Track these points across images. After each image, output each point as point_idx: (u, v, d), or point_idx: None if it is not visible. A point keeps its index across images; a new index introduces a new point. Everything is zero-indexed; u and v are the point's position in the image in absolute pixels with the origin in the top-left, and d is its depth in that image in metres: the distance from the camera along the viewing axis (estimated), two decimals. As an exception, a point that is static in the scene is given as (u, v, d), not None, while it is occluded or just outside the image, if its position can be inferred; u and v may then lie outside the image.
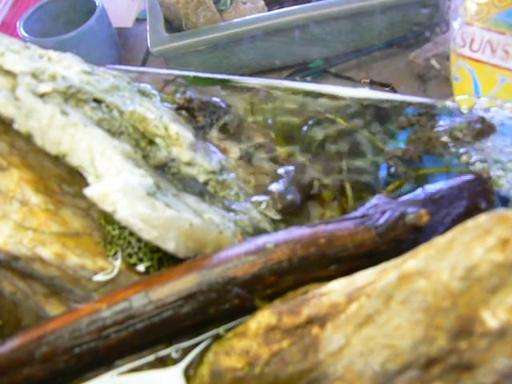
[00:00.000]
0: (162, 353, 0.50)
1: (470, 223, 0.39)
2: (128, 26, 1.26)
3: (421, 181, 0.62)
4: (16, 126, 0.56)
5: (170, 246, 0.51)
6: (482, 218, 0.39)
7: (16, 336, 0.49)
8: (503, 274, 0.36)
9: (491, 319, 0.35)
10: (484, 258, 0.36)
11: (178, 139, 0.61)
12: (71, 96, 0.60)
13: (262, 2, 1.13)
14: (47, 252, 0.53)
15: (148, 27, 1.06)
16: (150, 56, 1.18)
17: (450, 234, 0.40)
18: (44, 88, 0.59)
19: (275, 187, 0.65)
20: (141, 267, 0.54)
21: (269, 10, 1.11)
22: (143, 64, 1.19)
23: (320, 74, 1.05)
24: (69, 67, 0.64)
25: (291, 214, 0.63)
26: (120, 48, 1.21)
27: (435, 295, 0.37)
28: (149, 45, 1.03)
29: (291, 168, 0.66)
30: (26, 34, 1.07)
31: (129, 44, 1.28)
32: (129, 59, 1.20)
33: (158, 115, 0.62)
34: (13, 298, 0.61)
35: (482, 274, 0.36)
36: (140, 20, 1.29)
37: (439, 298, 0.37)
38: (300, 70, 1.07)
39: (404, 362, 0.37)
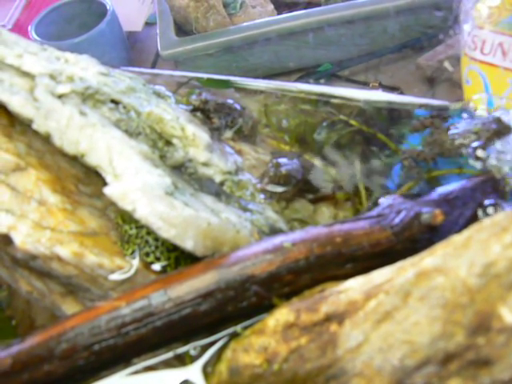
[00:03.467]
0: (180, 350, 0.50)
1: (486, 221, 0.40)
2: (137, 30, 1.27)
3: (434, 182, 0.62)
4: (35, 126, 0.57)
5: (188, 244, 0.51)
6: (498, 217, 0.39)
7: (36, 333, 0.49)
8: (521, 271, 0.36)
9: (509, 315, 0.36)
10: (501, 254, 0.37)
11: (194, 140, 0.62)
12: (89, 97, 0.61)
13: (272, 6, 1.14)
14: (65, 251, 0.54)
15: (158, 30, 1.07)
16: (159, 59, 1.19)
17: (466, 233, 0.40)
18: (62, 89, 0.60)
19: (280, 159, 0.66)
20: (157, 266, 0.55)
21: (278, 14, 1.12)
22: (153, 67, 1.20)
23: (329, 78, 1.06)
24: (86, 69, 0.65)
25: (292, 186, 0.64)
26: (130, 51, 1.22)
27: (453, 291, 0.38)
28: (159, 48, 1.04)
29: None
30: (37, 38, 1.08)
31: (138, 47, 1.29)
32: (138, 62, 1.21)
33: (174, 116, 0.63)
34: (29, 297, 0.62)
35: (500, 271, 0.37)
36: (149, 24, 1.30)
37: (457, 295, 0.37)
38: (309, 73, 1.07)
39: (422, 358, 0.38)
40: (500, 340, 0.36)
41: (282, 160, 0.66)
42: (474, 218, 0.53)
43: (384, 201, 0.54)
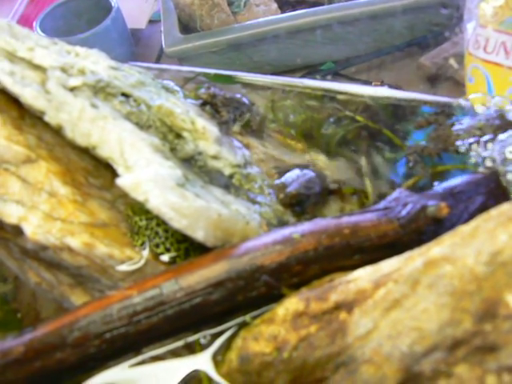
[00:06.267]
0: (191, 339, 0.51)
1: (493, 211, 0.41)
2: (141, 27, 1.28)
3: (438, 177, 0.63)
4: (47, 118, 0.58)
5: (199, 235, 0.52)
6: (505, 206, 0.40)
7: (48, 321, 0.50)
8: (527, 259, 0.37)
9: (515, 302, 0.37)
10: (508, 243, 0.38)
11: (204, 133, 0.63)
12: (100, 90, 0.62)
13: (276, 5, 1.14)
14: (76, 241, 0.54)
15: (162, 28, 1.07)
16: (163, 56, 1.19)
17: (474, 223, 0.41)
18: (74, 82, 0.60)
19: (284, 178, 0.66)
20: (166, 257, 0.56)
21: (282, 13, 1.12)
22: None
23: (331, 77, 1.06)
24: (96, 62, 0.66)
25: (300, 206, 0.64)
26: (134, 48, 1.22)
27: (461, 279, 0.39)
28: (163, 45, 1.04)
29: (311, 172, 0.67)
30: (42, 33, 1.09)
31: (142, 45, 1.29)
32: (143, 59, 1.20)
33: (184, 110, 0.64)
34: (38, 288, 0.62)
35: (506, 259, 0.37)
36: (152, 22, 1.30)
37: (465, 282, 0.38)
38: (311, 72, 1.08)
39: (430, 344, 0.39)
40: (506, 326, 0.37)
41: (289, 176, 0.66)
42: (478, 212, 0.54)
43: (390, 194, 0.55)
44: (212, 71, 0.80)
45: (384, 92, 0.74)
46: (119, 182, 0.53)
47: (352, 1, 1.01)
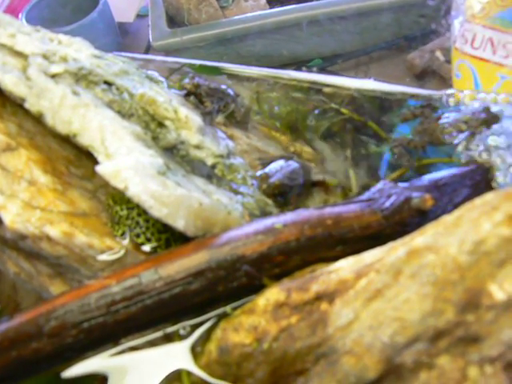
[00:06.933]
0: (170, 330, 0.50)
1: (477, 201, 0.40)
2: (129, 21, 1.27)
3: (423, 170, 0.63)
4: (27, 105, 0.57)
5: (179, 224, 0.51)
6: (489, 196, 0.40)
7: (25, 310, 0.49)
8: (510, 248, 0.37)
9: (498, 292, 0.36)
10: (492, 232, 0.37)
11: (187, 122, 0.62)
12: (82, 77, 0.61)
13: (264, 0, 1.13)
14: (55, 231, 0.54)
15: (150, 21, 1.06)
16: (150, 51, 1.19)
17: (457, 212, 0.41)
18: (56, 68, 0.59)
19: (268, 168, 0.65)
20: (147, 247, 0.55)
21: (270, 8, 1.12)
22: (144, 58, 1.20)
23: (319, 73, 1.06)
24: (79, 50, 0.65)
25: (283, 197, 0.63)
26: (121, 42, 1.22)
27: (444, 269, 0.38)
28: (150, 39, 1.03)
29: (295, 163, 0.66)
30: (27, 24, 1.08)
31: (129, 39, 1.28)
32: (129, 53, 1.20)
33: (167, 99, 0.63)
34: (17, 278, 0.61)
35: (490, 248, 0.37)
36: (140, 16, 1.29)
37: (447, 272, 0.38)
38: (298, 68, 1.08)
39: (412, 335, 0.38)
40: (489, 317, 0.36)
41: (273, 166, 0.66)
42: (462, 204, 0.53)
43: (374, 186, 0.55)
44: (197, 62, 0.79)
45: (370, 85, 0.73)
46: (99, 169, 0.52)
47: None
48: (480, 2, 0.76)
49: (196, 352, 0.49)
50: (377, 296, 0.41)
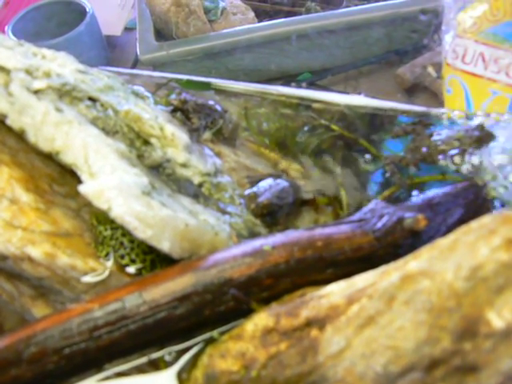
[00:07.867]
0: (155, 355, 0.49)
1: (474, 224, 0.39)
2: (117, 34, 1.26)
3: (416, 188, 0.62)
4: (9, 121, 0.56)
5: (164, 245, 0.50)
6: (486, 219, 0.39)
7: (4, 335, 0.48)
8: (509, 274, 0.35)
9: (496, 319, 0.35)
10: (489, 257, 0.36)
11: (173, 140, 0.61)
12: (66, 93, 0.60)
13: (253, 14, 1.13)
14: (37, 251, 0.52)
15: (138, 35, 1.06)
16: (138, 64, 1.18)
17: (453, 235, 0.40)
18: (38, 84, 0.58)
19: (256, 187, 0.64)
20: (131, 269, 0.54)
21: (258, 22, 1.11)
22: (131, 72, 1.19)
23: (308, 87, 1.05)
24: (63, 65, 0.64)
25: (272, 217, 0.62)
26: (109, 55, 1.21)
27: (439, 295, 0.37)
28: (138, 52, 1.02)
29: (284, 182, 0.65)
30: (13, 37, 1.07)
31: (117, 52, 1.28)
32: (117, 66, 1.19)
33: (153, 115, 0.62)
34: (-1, 299, 0.60)
35: (488, 274, 0.36)
36: (128, 29, 1.29)
37: (443, 298, 0.36)
38: (288, 82, 1.07)
39: (407, 364, 0.37)
40: (487, 345, 0.35)
41: (262, 185, 0.64)
42: (457, 225, 0.52)
43: (366, 205, 0.53)
44: (184, 77, 0.78)
45: (360, 101, 0.72)
46: (82, 189, 0.51)
47: (329, 11, 1.00)
48: (471, 16, 0.76)
49: (182, 379, 0.48)
50: (369, 323, 0.39)
